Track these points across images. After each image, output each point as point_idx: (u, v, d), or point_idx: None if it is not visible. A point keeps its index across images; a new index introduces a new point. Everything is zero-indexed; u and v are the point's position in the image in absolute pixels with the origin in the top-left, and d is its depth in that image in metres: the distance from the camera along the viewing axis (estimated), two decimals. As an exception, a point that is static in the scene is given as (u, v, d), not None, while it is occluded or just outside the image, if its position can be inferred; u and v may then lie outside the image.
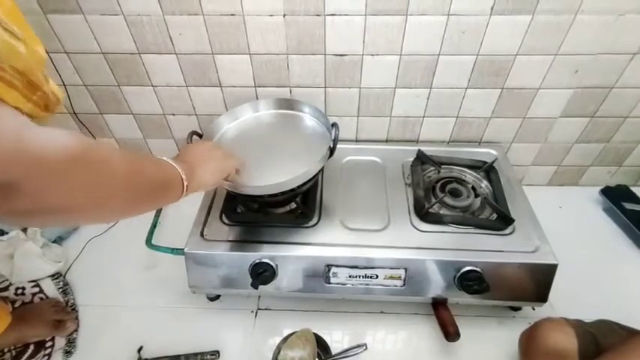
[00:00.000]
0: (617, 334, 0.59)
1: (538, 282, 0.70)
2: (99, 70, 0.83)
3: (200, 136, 0.76)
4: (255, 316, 0.79)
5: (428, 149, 0.88)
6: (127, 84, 0.86)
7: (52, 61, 0.81)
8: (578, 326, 0.61)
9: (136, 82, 0.85)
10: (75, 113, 0.91)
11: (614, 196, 0.96)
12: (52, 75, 0.83)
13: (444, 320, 0.70)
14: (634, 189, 0.99)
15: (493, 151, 0.91)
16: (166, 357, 0.70)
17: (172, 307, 0.81)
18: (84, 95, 0.88)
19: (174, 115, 0.92)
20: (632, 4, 0.70)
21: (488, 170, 0.85)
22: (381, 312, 0.79)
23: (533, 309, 0.79)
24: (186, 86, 0.86)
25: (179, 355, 0.70)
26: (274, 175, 0.66)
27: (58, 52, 0.80)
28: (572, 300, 0.77)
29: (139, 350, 0.72)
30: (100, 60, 0.82)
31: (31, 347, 0.73)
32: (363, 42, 0.77)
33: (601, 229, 0.95)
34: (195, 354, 0.70)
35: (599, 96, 0.84)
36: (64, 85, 0.86)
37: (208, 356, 0.69)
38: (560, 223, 0.93)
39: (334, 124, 0.72)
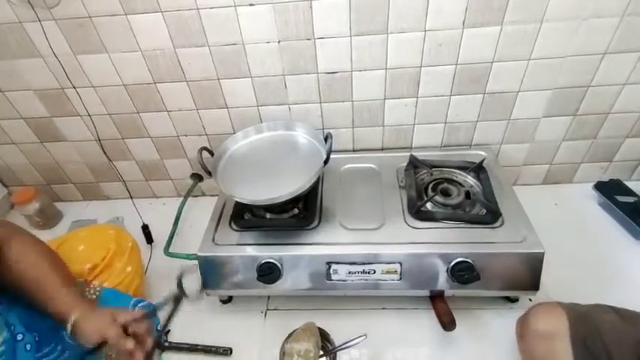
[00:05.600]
0: (609, 314, 0.61)
1: (528, 270, 0.74)
2: (120, 100, 0.95)
3: (210, 152, 0.85)
4: (265, 316, 0.85)
5: (421, 154, 0.94)
6: (145, 110, 0.97)
7: (79, 96, 0.93)
8: (571, 308, 0.62)
9: (152, 108, 0.96)
10: (99, 140, 1.02)
11: (608, 190, 0.99)
12: (80, 108, 0.95)
13: (440, 311, 0.74)
14: (628, 183, 1.01)
15: (482, 153, 0.96)
16: (186, 344, 0.78)
17: (188, 310, 0.86)
18: (108, 123, 0.99)
19: (186, 135, 1.02)
20: (592, 10, 0.77)
21: (477, 170, 0.90)
22: (383, 308, 0.84)
23: (530, 300, 0.82)
24: (197, 109, 0.96)
25: (196, 345, 0.78)
26: (276, 187, 0.74)
27: (86, 86, 0.92)
28: (569, 290, 0.78)
29: (166, 333, 0.80)
30: (122, 91, 0.93)
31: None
32: (351, 60, 0.85)
33: (596, 222, 0.97)
34: (210, 346, 0.77)
35: (578, 95, 0.90)
36: (90, 115, 0.97)
37: (221, 351, 0.76)
38: (556, 219, 0.97)
39: (328, 135, 0.80)
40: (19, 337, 0.59)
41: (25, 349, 0.58)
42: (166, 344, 0.79)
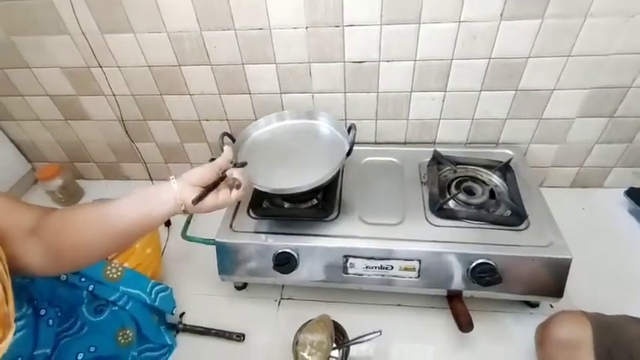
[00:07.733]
0: (636, 326, 0.59)
1: (552, 276, 0.71)
2: (144, 81, 0.94)
3: (232, 138, 0.85)
4: (279, 304, 0.85)
5: (445, 150, 0.91)
6: (168, 93, 0.97)
7: (105, 75, 0.93)
8: (595, 317, 0.61)
9: (175, 91, 0.96)
10: (122, 120, 1.02)
11: (640, 197, 0.95)
12: (105, 88, 0.96)
13: (457, 311, 0.73)
14: (662, 191, 0.97)
15: (509, 152, 0.93)
16: (201, 327, 0.80)
17: (203, 294, 0.88)
18: (131, 104, 1.00)
19: (208, 120, 1.01)
20: (642, 5, 0.72)
21: (503, 169, 0.87)
22: (398, 305, 0.83)
23: (552, 306, 0.79)
24: (219, 94, 0.95)
25: (210, 329, 0.79)
26: (297, 176, 0.73)
27: (112, 66, 0.92)
28: (593, 299, 0.75)
29: (181, 315, 0.82)
30: (146, 72, 0.93)
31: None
32: (379, 49, 0.83)
33: (626, 229, 0.93)
34: (224, 331, 0.78)
35: (617, 96, 0.85)
36: (114, 95, 0.97)
37: (235, 336, 0.77)
38: (584, 224, 0.93)
39: (351, 126, 0.78)
40: (42, 312, 0.60)
41: (48, 324, 0.60)
42: (181, 326, 0.80)
